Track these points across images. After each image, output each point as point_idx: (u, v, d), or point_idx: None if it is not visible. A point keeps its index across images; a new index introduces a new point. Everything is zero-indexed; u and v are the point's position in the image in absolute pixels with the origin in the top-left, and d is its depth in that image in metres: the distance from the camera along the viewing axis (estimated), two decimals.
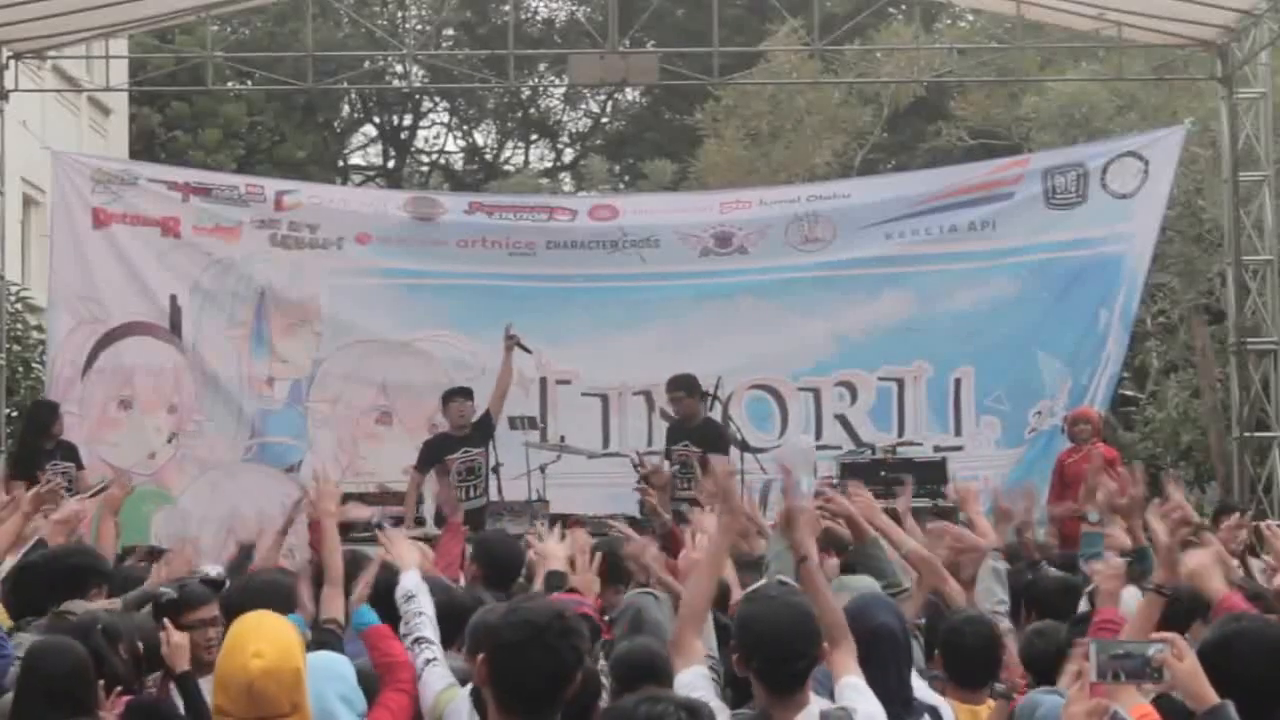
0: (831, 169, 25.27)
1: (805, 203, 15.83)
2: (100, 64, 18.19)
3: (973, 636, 6.02)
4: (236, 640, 4.55)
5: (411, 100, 37.00)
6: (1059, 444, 14.37)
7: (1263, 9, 14.98)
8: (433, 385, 14.70)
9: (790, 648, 4.74)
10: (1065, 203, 15.36)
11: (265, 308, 15.35)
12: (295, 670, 4.51)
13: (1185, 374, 23.18)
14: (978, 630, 6.06)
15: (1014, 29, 16.80)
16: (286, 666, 4.47)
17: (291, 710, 4.48)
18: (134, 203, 15.31)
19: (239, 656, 4.47)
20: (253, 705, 4.42)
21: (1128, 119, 21.43)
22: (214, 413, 15.24)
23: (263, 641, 4.50)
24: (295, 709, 4.49)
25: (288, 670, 4.48)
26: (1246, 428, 15.72)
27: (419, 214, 15.73)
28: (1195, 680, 4.32)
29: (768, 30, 25.48)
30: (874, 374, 15.38)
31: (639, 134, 35.20)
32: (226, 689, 4.46)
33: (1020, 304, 15.30)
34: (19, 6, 14.66)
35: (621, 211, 16.03)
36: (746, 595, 4.98)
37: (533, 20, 34.98)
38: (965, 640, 6.00)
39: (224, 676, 4.48)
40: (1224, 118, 16.03)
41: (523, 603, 4.47)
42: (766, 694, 4.79)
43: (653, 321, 15.34)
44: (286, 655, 4.51)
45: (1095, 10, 15.53)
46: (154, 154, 26.33)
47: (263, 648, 4.47)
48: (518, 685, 4.17)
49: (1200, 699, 4.31)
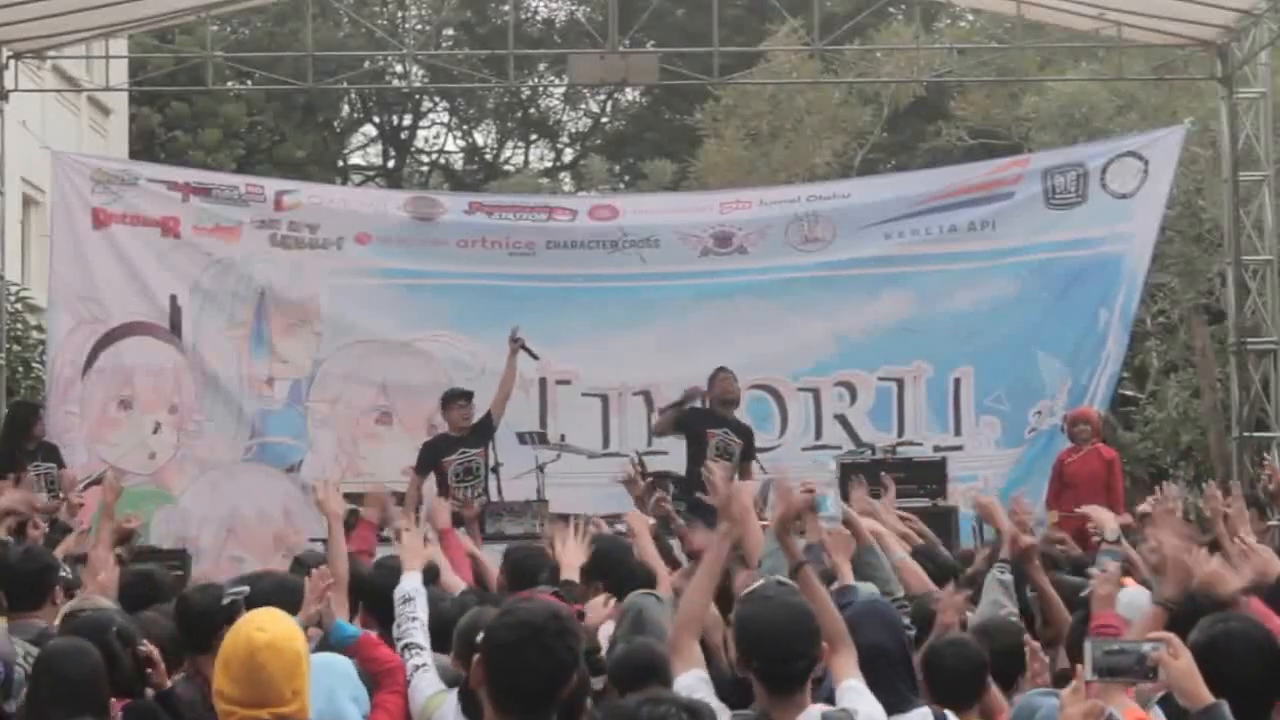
0: (831, 169, 25.27)
1: (805, 203, 15.84)
2: (100, 64, 18.19)
3: (953, 658, 5.87)
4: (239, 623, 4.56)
5: (411, 100, 37.00)
6: (1059, 444, 14.37)
7: (1262, 9, 14.99)
8: (432, 385, 14.70)
9: (789, 647, 4.74)
10: (1065, 203, 15.37)
11: (265, 308, 15.35)
12: (297, 653, 4.48)
13: (1185, 374, 23.17)
14: (959, 652, 5.93)
15: (1014, 29, 16.80)
16: (289, 646, 4.45)
17: (292, 698, 4.43)
18: (134, 203, 15.31)
19: (241, 631, 4.47)
20: (253, 685, 4.38)
21: (1128, 119, 21.43)
22: (214, 413, 15.23)
23: (265, 619, 4.51)
24: (296, 696, 4.44)
25: (290, 649, 4.45)
26: (1246, 428, 15.72)
27: (419, 214, 15.73)
28: (1190, 679, 4.30)
29: (768, 30, 25.48)
30: (874, 374, 15.39)
31: (639, 134, 35.20)
32: (228, 667, 4.43)
33: (1020, 304, 15.31)
34: (19, 6, 14.66)
35: (621, 211, 16.03)
36: (744, 596, 4.97)
37: (533, 20, 34.98)
38: (945, 662, 5.89)
39: (226, 654, 4.46)
40: (1224, 118, 16.03)
41: (518, 603, 4.47)
42: (767, 694, 4.79)
43: (653, 322, 15.34)
44: (289, 636, 4.49)
45: (1095, 10, 15.53)
46: (154, 154, 26.33)
47: (265, 624, 4.47)
48: (514, 686, 4.17)
49: (1195, 698, 4.30)
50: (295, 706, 4.45)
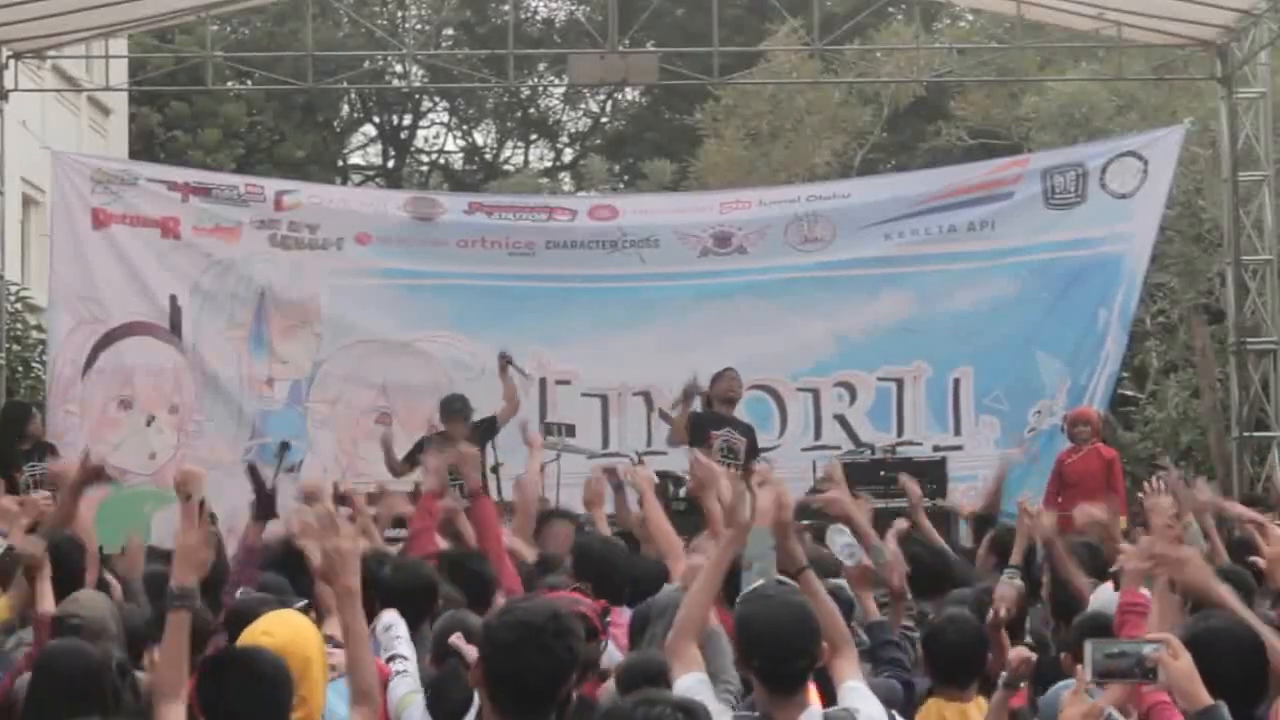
0: (831, 169, 25.26)
1: (805, 203, 15.84)
2: (100, 64, 18.19)
3: (955, 634, 5.98)
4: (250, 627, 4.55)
5: (411, 100, 36.99)
6: (1059, 443, 14.37)
7: (1262, 9, 14.99)
8: (432, 386, 14.69)
9: (790, 646, 4.75)
10: (1064, 203, 15.36)
11: (265, 308, 15.35)
12: (305, 657, 4.47)
13: (1185, 374, 23.14)
14: (960, 628, 6.03)
15: (1014, 29, 16.81)
16: (297, 651, 4.44)
17: (299, 704, 4.43)
18: (134, 203, 15.31)
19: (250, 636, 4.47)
20: None
21: (1127, 119, 21.42)
22: (214, 413, 15.23)
23: (274, 623, 4.50)
24: (303, 702, 4.45)
25: (298, 654, 4.44)
26: (1246, 428, 15.72)
27: (419, 214, 15.73)
28: (1189, 680, 4.30)
29: (768, 30, 25.47)
30: (873, 374, 15.39)
31: (639, 134, 35.18)
32: None
33: (1019, 304, 15.31)
34: (19, 6, 14.67)
35: (621, 211, 16.04)
36: (744, 596, 4.97)
37: (532, 20, 34.96)
38: (947, 638, 5.97)
39: None
40: (1224, 117, 16.04)
41: (518, 603, 4.48)
42: (767, 694, 4.80)
43: (652, 322, 15.34)
44: (297, 640, 4.48)
45: (1095, 10, 15.54)
46: (154, 154, 26.30)
47: (274, 628, 4.47)
48: (513, 685, 4.17)
49: (1194, 699, 4.29)
50: (301, 713, 4.44)
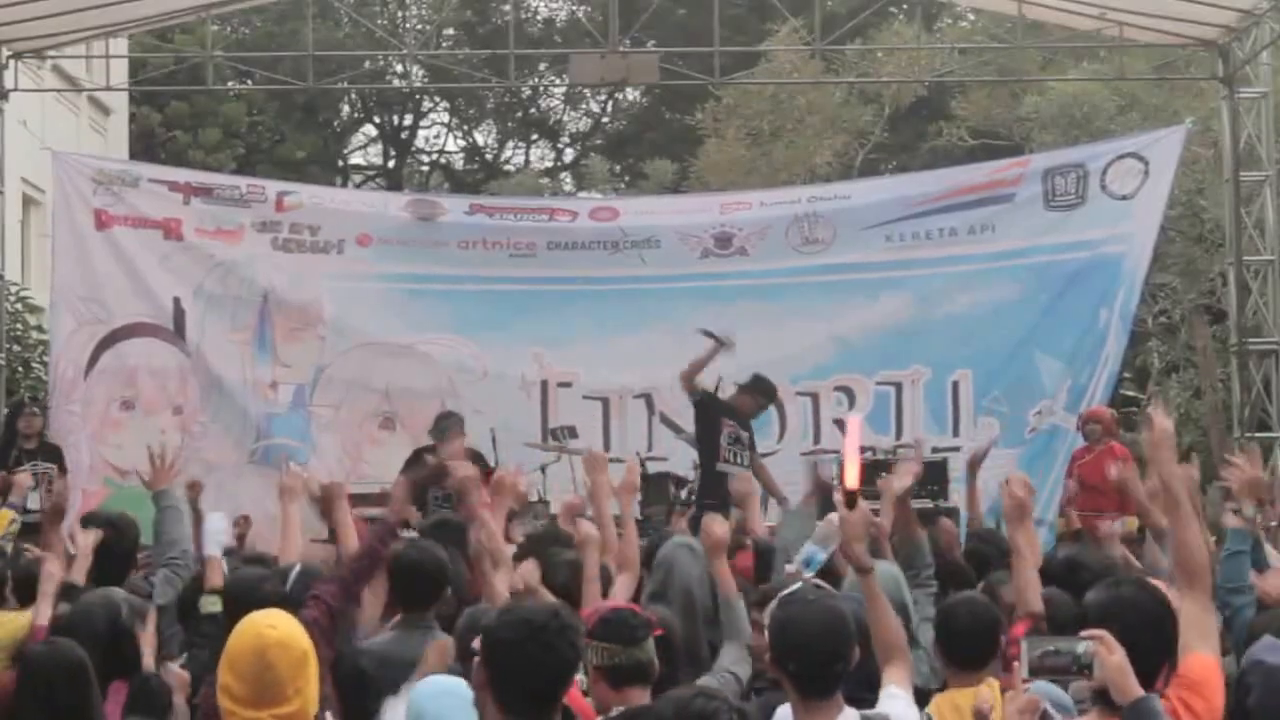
0: (832, 169, 25.27)
1: (805, 204, 15.83)
2: (100, 63, 18.17)
3: (967, 617, 5.97)
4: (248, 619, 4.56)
5: (411, 100, 37.01)
6: (1058, 443, 14.38)
7: (1264, 9, 14.98)
8: (435, 389, 14.72)
9: (825, 651, 4.75)
10: (1064, 204, 15.34)
11: (268, 312, 15.35)
12: (304, 650, 4.49)
13: (1186, 374, 23.18)
14: (972, 610, 6.03)
15: (1015, 29, 16.82)
16: (297, 645, 4.47)
17: (294, 695, 4.44)
18: (135, 204, 15.30)
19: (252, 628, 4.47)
20: (261, 682, 4.37)
21: (1129, 119, 21.42)
22: (219, 414, 15.23)
23: (276, 617, 4.52)
24: (298, 694, 4.45)
25: (298, 648, 4.46)
26: (1248, 428, 15.70)
27: (420, 215, 15.73)
28: (1122, 675, 4.45)
29: (768, 30, 25.48)
30: (871, 378, 15.35)
31: (639, 134, 35.20)
32: (235, 664, 4.42)
33: (1019, 306, 15.28)
34: (19, 6, 14.66)
35: (622, 213, 16.04)
36: (782, 599, 5.02)
37: (533, 20, 34.99)
38: (960, 621, 5.97)
39: (233, 650, 4.45)
40: (1225, 117, 16.02)
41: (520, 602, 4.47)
42: (800, 698, 4.79)
43: (653, 324, 15.30)
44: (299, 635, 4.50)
45: (1096, 10, 15.53)
46: (154, 154, 26.30)
47: (276, 622, 4.49)
48: (516, 684, 4.16)
49: (1126, 692, 4.44)
50: (296, 705, 4.45)
